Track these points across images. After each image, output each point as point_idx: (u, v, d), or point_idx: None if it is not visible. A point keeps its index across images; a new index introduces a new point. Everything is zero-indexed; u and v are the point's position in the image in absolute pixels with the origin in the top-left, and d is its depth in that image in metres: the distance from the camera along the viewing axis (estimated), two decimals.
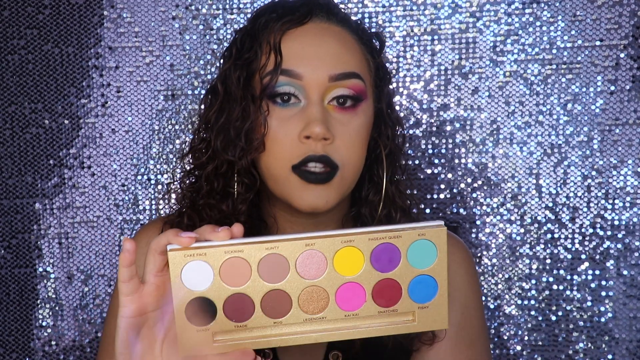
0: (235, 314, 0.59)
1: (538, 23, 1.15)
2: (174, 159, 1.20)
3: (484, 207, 1.19)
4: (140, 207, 1.21)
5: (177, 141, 1.20)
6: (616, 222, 1.17)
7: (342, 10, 0.79)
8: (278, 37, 0.73)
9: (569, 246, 1.18)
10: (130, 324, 0.60)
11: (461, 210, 1.20)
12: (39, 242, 1.22)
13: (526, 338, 1.20)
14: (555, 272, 1.19)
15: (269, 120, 0.72)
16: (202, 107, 0.81)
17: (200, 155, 0.79)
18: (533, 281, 1.19)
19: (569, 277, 1.19)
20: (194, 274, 0.58)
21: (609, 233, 1.17)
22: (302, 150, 0.71)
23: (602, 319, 1.18)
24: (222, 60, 0.80)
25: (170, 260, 0.57)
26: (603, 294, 1.18)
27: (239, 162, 0.74)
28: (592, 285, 1.18)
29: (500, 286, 1.20)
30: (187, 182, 0.81)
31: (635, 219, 1.16)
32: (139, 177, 1.21)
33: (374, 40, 0.80)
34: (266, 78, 0.72)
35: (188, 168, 0.81)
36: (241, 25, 0.83)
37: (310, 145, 0.71)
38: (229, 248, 0.58)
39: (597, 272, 1.18)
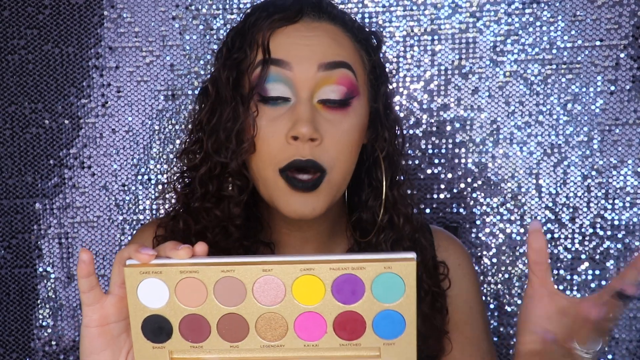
0: (191, 334, 0.58)
1: (538, 23, 1.15)
2: (173, 159, 1.20)
3: (484, 207, 1.19)
4: (141, 207, 1.21)
5: (178, 141, 1.20)
6: (616, 222, 1.17)
7: (337, 7, 0.78)
8: (267, 35, 0.71)
9: (569, 246, 1.18)
10: (92, 333, 0.60)
11: (461, 210, 1.20)
12: (39, 242, 1.22)
13: None
14: (555, 272, 1.19)
15: (258, 121, 0.71)
16: (196, 107, 0.80)
17: (193, 157, 0.78)
18: None
19: (569, 277, 1.19)
20: (150, 291, 0.57)
21: (609, 233, 1.17)
22: (289, 152, 0.70)
23: None
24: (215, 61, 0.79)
25: (126, 276, 0.56)
26: None
27: (231, 163, 0.73)
28: (592, 285, 1.18)
29: (500, 286, 1.20)
30: (182, 183, 0.81)
31: (635, 219, 1.16)
32: (140, 177, 1.21)
33: (371, 39, 0.79)
34: (255, 72, 0.71)
35: (183, 169, 0.80)
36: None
37: (298, 146, 0.69)
38: (185, 268, 0.56)
39: (597, 272, 1.18)
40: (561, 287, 1.19)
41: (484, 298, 1.20)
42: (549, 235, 1.18)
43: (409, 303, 0.56)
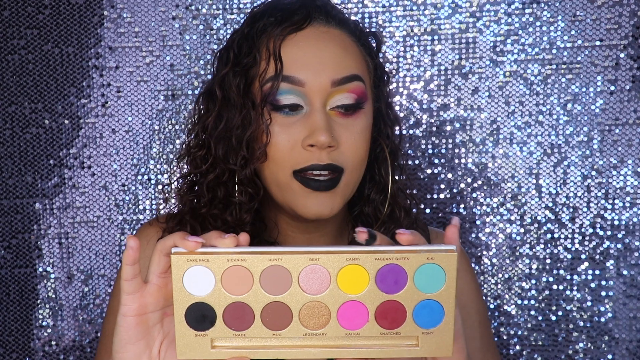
0: (234, 322, 0.59)
1: (538, 23, 1.15)
2: (174, 160, 1.20)
3: (484, 207, 1.19)
4: (141, 207, 1.21)
5: (177, 141, 1.20)
6: (616, 222, 1.17)
7: (339, 9, 0.78)
8: (278, 43, 0.72)
9: (569, 246, 1.18)
10: (130, 323, 0.60)
11: (461, 210, 1.20)
12: (39, 242, 1.22)
13: (526, 338, 1.20)
14: (555, 272, 1.19)
15: (271, 128, 0.71)
16: (197, 109, 0.80)
17: (200, 162, 0.77)
18: (533, 281, 1.19)
19: (569, 277, 1.19)
20: (196, 279, 0.58)
21: (608, 233, 1.17)
22: (305, 158, 0.71)
23: (602, 319, 1.19)
24: (216, 63, 0.79)
25: (172, 264, 0.57)
26: (603, 294, 1.18)
27: (241, 171, 0.73)
28: (592, 285, 1.18)
29: (500, 286, 1.20)
30: (185, 187, 0.80)
31: (635, 219, 1.16)
32: (139, 177, 1.21)
33: (371, 40, 0.79)
34: (267, 85, 0.71)
35: (185, 172, 0.80)
36: (238, 26, 0.82)
37: (315, 153, 0.70)
38: (232, 256, 0.57)
39: (597, 272, 1.18)
40: (561, 287, 1.19)
41: (483, 298, 1.20)
42: (549, 235, 1.18)
43: (448, 293, 0.58)
